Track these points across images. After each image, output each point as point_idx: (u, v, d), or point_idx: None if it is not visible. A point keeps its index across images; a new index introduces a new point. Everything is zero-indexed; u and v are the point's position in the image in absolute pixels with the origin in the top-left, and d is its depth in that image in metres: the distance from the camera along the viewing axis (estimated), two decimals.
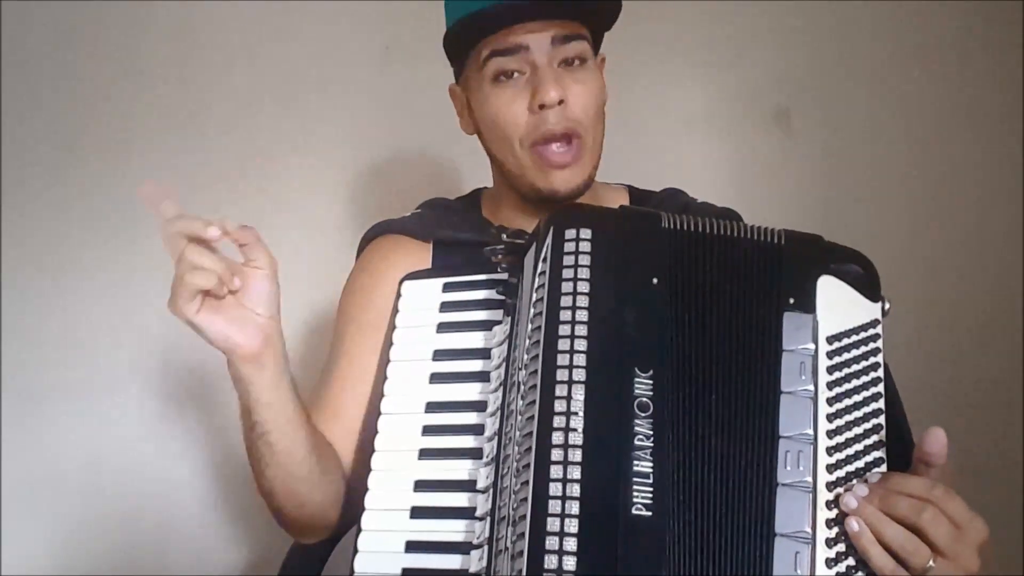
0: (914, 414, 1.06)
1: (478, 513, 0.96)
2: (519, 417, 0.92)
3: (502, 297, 1.05)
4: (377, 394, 1.09)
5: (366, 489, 1.03)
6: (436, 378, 1.06)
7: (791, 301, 0.95)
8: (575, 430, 0.86)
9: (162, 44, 1.94)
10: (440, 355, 1.08)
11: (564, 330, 0.91)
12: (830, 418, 0.91)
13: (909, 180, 1.96)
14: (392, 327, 1.12)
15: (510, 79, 1.18)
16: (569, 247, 0.95)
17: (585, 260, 0.94)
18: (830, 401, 0.91)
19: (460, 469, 1.00)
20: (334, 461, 1.15)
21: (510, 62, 1.17)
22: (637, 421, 0.88)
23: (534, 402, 0.90)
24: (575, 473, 0.85)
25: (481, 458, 0.99)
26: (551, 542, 0.83)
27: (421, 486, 1.01)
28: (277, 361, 1.02)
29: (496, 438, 0.97)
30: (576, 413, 0.87)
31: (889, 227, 1.93)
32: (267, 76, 1.95)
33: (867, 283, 0.98)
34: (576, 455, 0.86)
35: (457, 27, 1.20)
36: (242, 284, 1.00)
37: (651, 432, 0.87)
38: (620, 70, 1.33)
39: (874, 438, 0.91)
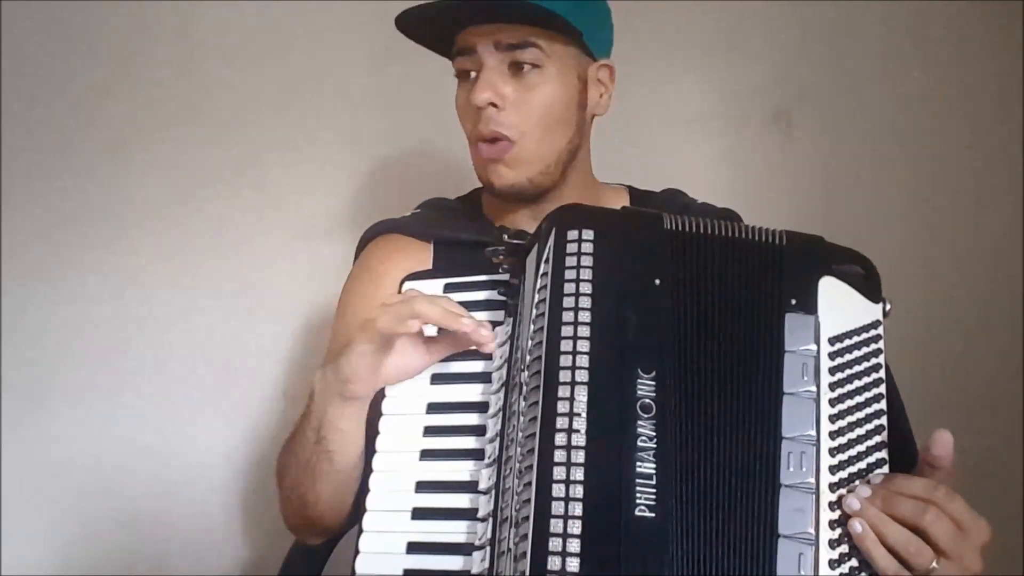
0: (914, 414, 1.06)
1: (480, 514, 0.95)
2: (521, 418, 0.92)
3: (503, 298, 1.05)
4: (378, 395, 1.09)
5: (367, 490, 1.02)
6: (437, 379, 1.06)
7: (793, 302, 0.95)
8: (578, 431, 0.86)
9: (162, 44, 1.94)
10: None
11: (567, 331, 0.91)
12: (832, 419, 0.91)
13: (909, 180, 1.96)
14: None
15: (467, 78, 1.23)
16: (571, 248, 0.95)
17: (587, 261, 0.94)
18: (832, 402, 0.91)
19: (462, 470, 1.00)
20: None
21: (466, 62, 1.23)
22: (640, 422, 0.87)
23: (536, 403, 0.89)
24: (578, 474, 0.85)
25: (483, 459, 0.98)
26: (554, 543, 0.83)
27: (422, 487, 1.00)
28: (366, 405, 1.06)
29: (498, 439, 0.97)
30: (579, 414, 0.87)
31: (889, 227, 1.93)
32: (267, 76, 1.95)
33: (868, 284, 0.98)
34: (579, 456, 0.85)
35: (403, 22, 1.26)
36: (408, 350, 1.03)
37: (654, 433, 0.87)
38: (620, 70, 1.33)
39: (876, 439, 0.91)
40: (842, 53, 1.98)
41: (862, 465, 0.90)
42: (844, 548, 0.87)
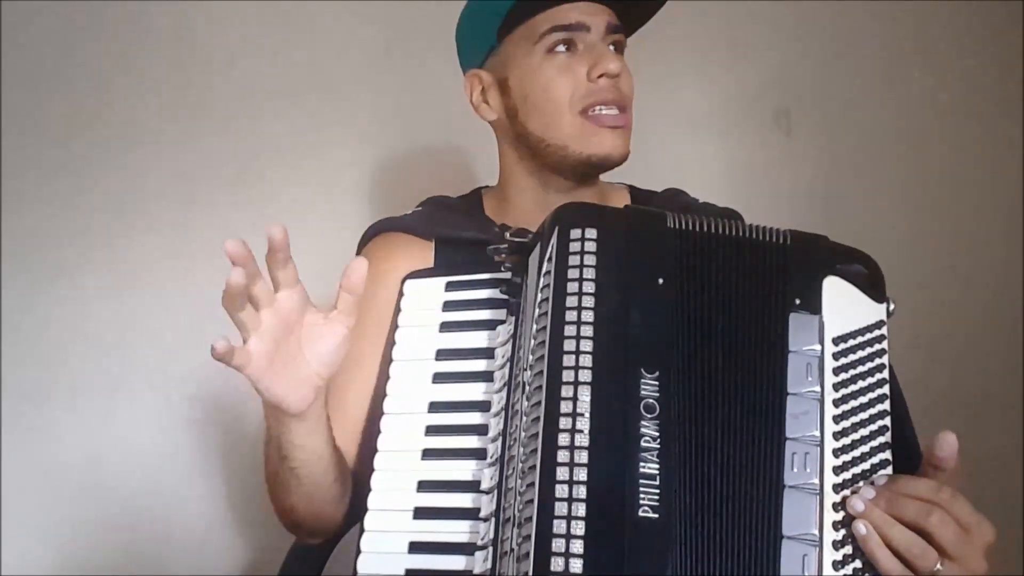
0: (914, 414, 1.06)
1: (482, 514, 0.95)
2: (524, 418, 0.92)
3: (506, 296, 1.05)
4: (380, 394, 1.08)
5: (369, 489, 1.02)
6: (439, 378, 1.06)
7: (797, 302, 0.95)
8: (581, 431, 0.86)
9: (162, 44, 1.94)
10: (443, 354, 1.07)
11: (569, 331, 0.90)
12: (836, 420, 0.90)
13: (909, 180, 1.96)
14: (394, 326, 1.12)
15: (566, 52, 1.23)
16: (574, 247, 0.94)
17: (590, 260, 0.93)
18: (836, 403, 0.91)
19: (464, 469, 0.99)
20: (348, 473, 1.15)
21: (569, 36, 1.23)
22: (643, 423, 0.87)
23: (539, 403, 0.89)
24: (581, 475, 0.84)
25: (485, 458, 0.98)
26: (557, 544, 0.82)
27: (424, 486, 1.00)
28: (320, 410, 1.02)
29: (500, 438, 0.96)
30: (582, 414, 0.87)
31: (889, 227, 1.93)
32: (267, 76, 1.95)
33: (872, 283, 0.97)
34: (582, 457, 0.85)
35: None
36: (317, 334, 0.97)
37: (657, 434, 0.87)
38: None
39: (880, 439, 0.91)
40: (842, 53, 1.99)
41: (866, 466, 0.90)
42: (848, 549, 0.86)
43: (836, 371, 0.92)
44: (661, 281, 0.94)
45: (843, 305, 0.96)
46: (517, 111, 1.26)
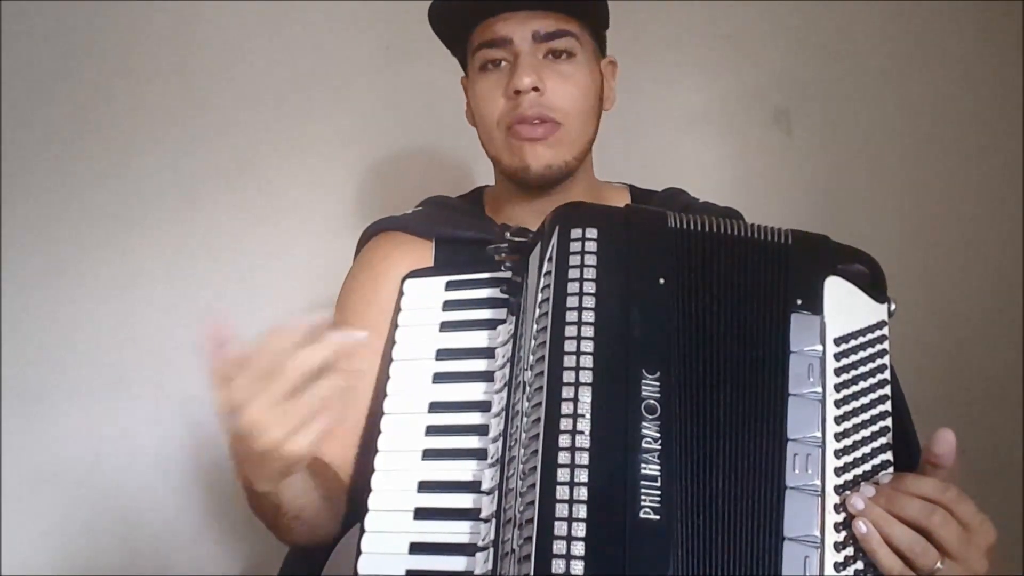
0: (913, 415, 1.06)
1: (483, 515, 0.95)
2: (525, 418, 0.91)
3: (506, 296, 1.04)
4: (380, 394, 1.08)
5: (369, 490, 1.02)
6: (439, 378, 1.05)
7: (798, 302, 0.95)
8: (582, 432, 0.86)
9: (162, 44, 1.94)
10: (443, 354, 1.07)
11: (570, 331, 0.90)
12: (838, 420, 0.90)
13: (909, 180, 1.96)
14: (394, 326, 1.11)
15: (496, 68, 1.22)
16: (575, 247, 0.94)
17: (591, 260, 0.93)
18: (838, 403, 0.91)
19: (464, 470, 0.99)
20: (339, 484, 1.15)
21: (495, 52, 1.22)
22: (644, 424, 0.87)
23: (540, 404, 0.89)
24: (582, 476, 0.84)
25: (486, 459, 0.98)
26: (558, 546, 0.82)
27: (425, 487, 1.00)
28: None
29: (501, 439, 0.96)
30: (583, 415, 0.86)
31: (889, 227, 1.93)
32: (267, 76, 1.95)
33: (874, 284, 0.97)
34: (583, 458, 0.85)
35: (438, 11, 1.26)
36: None
37: (659, 435, 0.87)
38: (621, 70, 1.34)
39: (882, 440, 0.91)
40: (842, 53, 1.99)
41: (867, 467, 0.89)
42: (849, 551, 0.86)
43: (838, 372, 0.92)
44: (662, 281, 0.94)
45: (845, 305, 0.95)
46: (475, 120, 1.29)
